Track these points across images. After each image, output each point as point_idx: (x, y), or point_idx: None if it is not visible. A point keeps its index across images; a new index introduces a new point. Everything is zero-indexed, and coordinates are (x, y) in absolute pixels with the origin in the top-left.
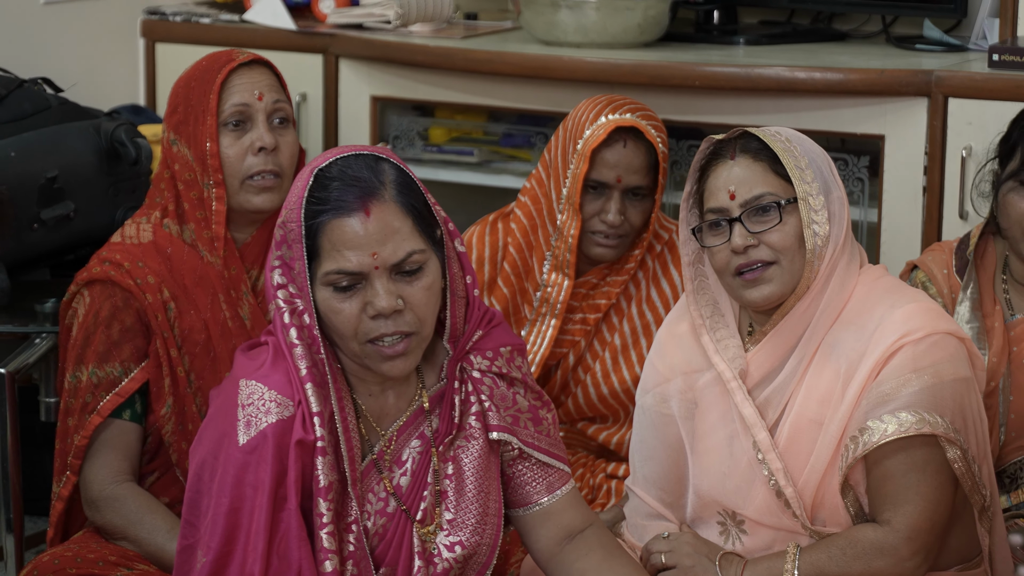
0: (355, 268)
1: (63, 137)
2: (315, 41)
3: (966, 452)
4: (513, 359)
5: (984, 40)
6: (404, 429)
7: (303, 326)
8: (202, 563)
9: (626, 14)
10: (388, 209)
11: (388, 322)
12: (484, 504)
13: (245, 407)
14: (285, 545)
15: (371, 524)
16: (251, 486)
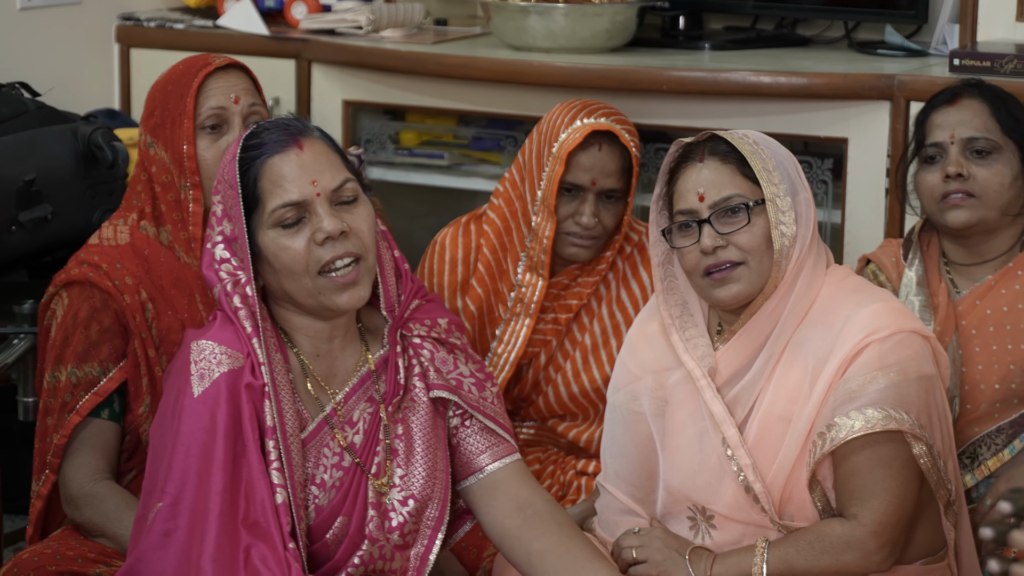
0: (298, 198)
1: (40, 141)
2: (288, 46)
3: (931, 448)
4: (451, 331)
5: (944, 45)
6: (353, 392)
7: (246, 295)
8: (158, 508)
9: (594, 20)
10: (318, 144)
11: (336, 244)
12: (432, 461)
13: (197, 363)
14: (251, 483)
15: (328, 477)
16: (206, 431)
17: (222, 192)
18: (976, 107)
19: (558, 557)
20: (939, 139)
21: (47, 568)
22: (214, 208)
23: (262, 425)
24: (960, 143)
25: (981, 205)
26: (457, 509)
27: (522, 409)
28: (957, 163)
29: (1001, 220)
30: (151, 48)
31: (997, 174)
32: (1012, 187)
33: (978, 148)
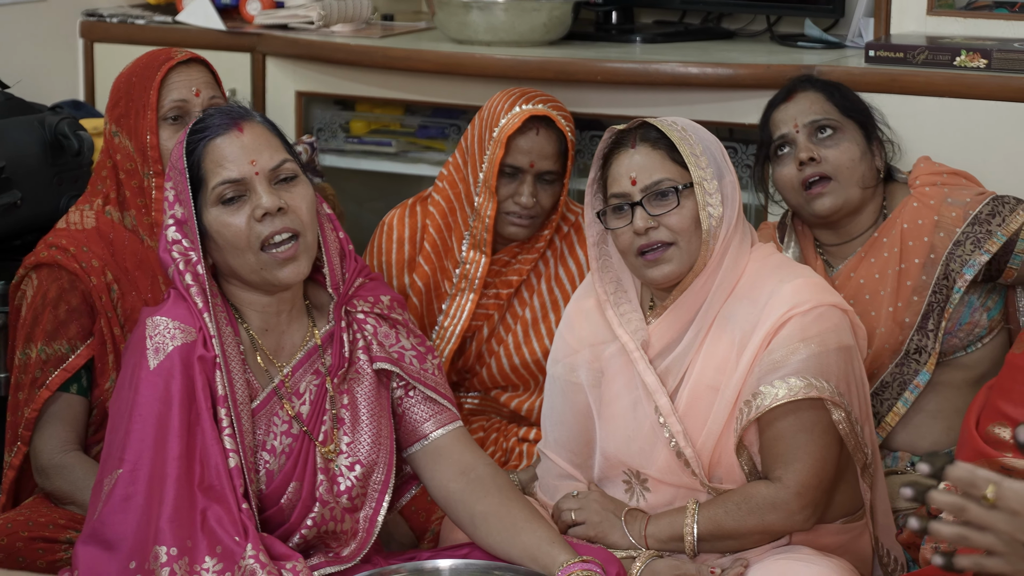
0: (237, 176)
1: (9, 130)
2: (243, 40)
3: (850, 414)
4: (393, 307)
5: (860, 38)
6: (300, 365)
7: (196, 274)
8: (117, 474)
9: (532, 15)
10: (258, 127)
11: (275, 220)
12: (377, 428)
13: (152, 337)
14: (205, 449)
15: (278, 444)
16: (161, 400)
17: (173, 177)
18: (812, 96)
19: (499, 519)
20: (784, 131)
21: (20, 534)
22: (166, 193)
23: (214, 394)
24: (805, 129)
25: (840, 186)
26: (404, 475)
27: (467, 380)
28: (807, 148)
29: (863, 196)
30: (114, 42)
31: (845, 151)
32: (863, 161)
33: (822, 126)
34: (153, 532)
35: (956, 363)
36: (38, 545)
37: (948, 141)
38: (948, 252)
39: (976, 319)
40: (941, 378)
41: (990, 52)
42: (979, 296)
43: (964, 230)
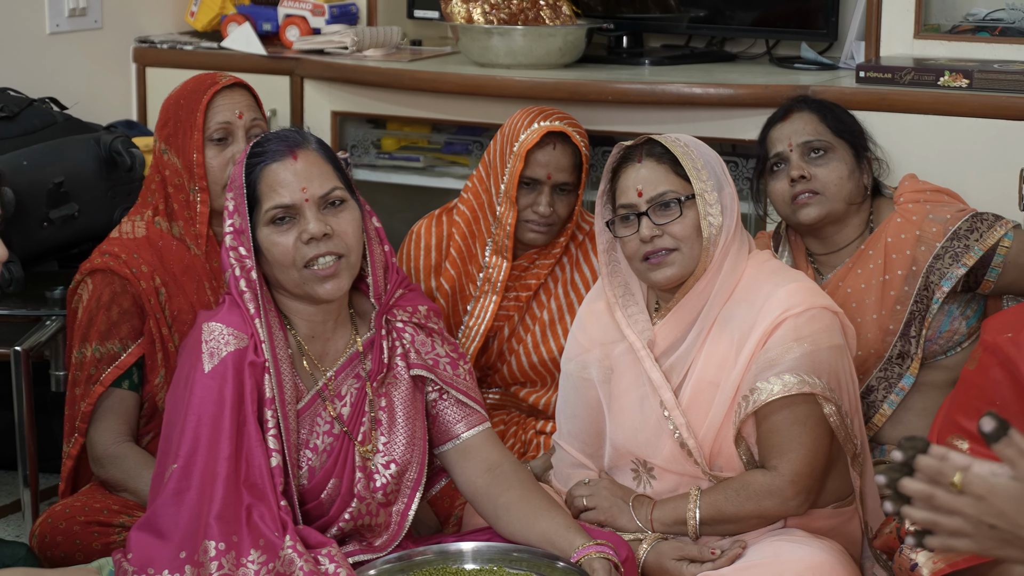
0: (288, 202)
1: (67, 148)
2: (283, 64)
3: (840, 408)
4: (430, 316)
5: (852, 60)
6: (342, 369)
7: (250, 279)
8: (172, 469)
9: (548, 39)
10: (311, 155)
11: (319, 244)
12: (412, 430)
13: (208, 342)
14: (250, 449)
15: (320, 443)
16: (215, 403)
17: (233, 191)
18: (807, 117)
19: (520, 508)
20: (779, 149)
21: (77, 518)
22: (227, 203)
23: (261, 397)
24: (798, 149)
25: (826, 200)
26: (434, 468)
27: (488, 376)
28: (799, 167)
29: (848, 210)
30: (164, 67)
31: (834, 170)
32: (851, 180)
33: (814, 148)
34: (203, 527)
35: (938, 365)
36: (93, 528)
37: (932, 155)
38: (928, 265)
39: (955, 327)
40: (925, 379)
41: (971, 73)
42: (959, 306)
43: (943, 245)
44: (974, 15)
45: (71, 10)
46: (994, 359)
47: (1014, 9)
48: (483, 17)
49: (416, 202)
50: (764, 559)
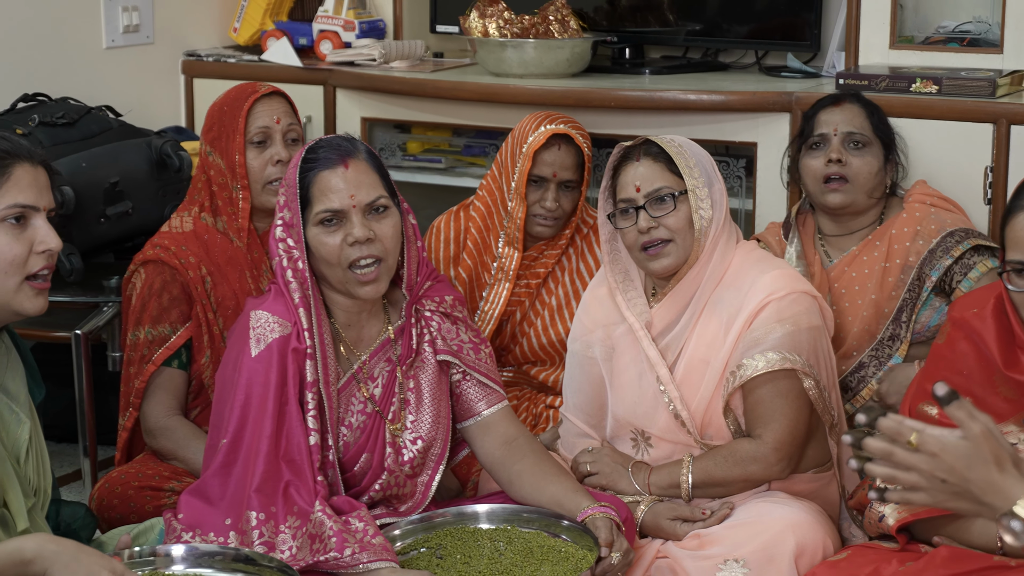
0: (338, 207)
1: (122, 151)
2: (317, 75)
3: (818, 382)
4: (455, 306)
5: (833, 68)
6: (375, 354)
7: (297, 269)
8: (222, 443)
9: (557, 51)
10: (361, 164)
11: (363, 247)
12: (437, 410)
13: (255, 329)
14: (291, 427)
15: (354, 420)
16: (261, 384)
17: (286, 189)
18: (855, 110)
19: (532, 475)
20: (824, 131)
21: (131, 484)
22: (279, 198)
23: (303, 380)
24: (841, 136)
25: (853, 189)
26: (456, 440)
27: (503, 356)
28: (838, 150)
29: (868, 202)
30: (209, 78)
31: (867, 164)
32: (877, 175)
33: (856, 140)
34: (246, 497)
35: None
36: (146, 493)
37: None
38: (923, 259)
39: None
40: (911, 354)
41: (940, 79)
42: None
43: (938, 241)
44: (944, 27)
45: (125, 27)
46: (961, 333)
47: (980, 22)
48: (498, 31)
49: (439, 199)
50: (750, 518)
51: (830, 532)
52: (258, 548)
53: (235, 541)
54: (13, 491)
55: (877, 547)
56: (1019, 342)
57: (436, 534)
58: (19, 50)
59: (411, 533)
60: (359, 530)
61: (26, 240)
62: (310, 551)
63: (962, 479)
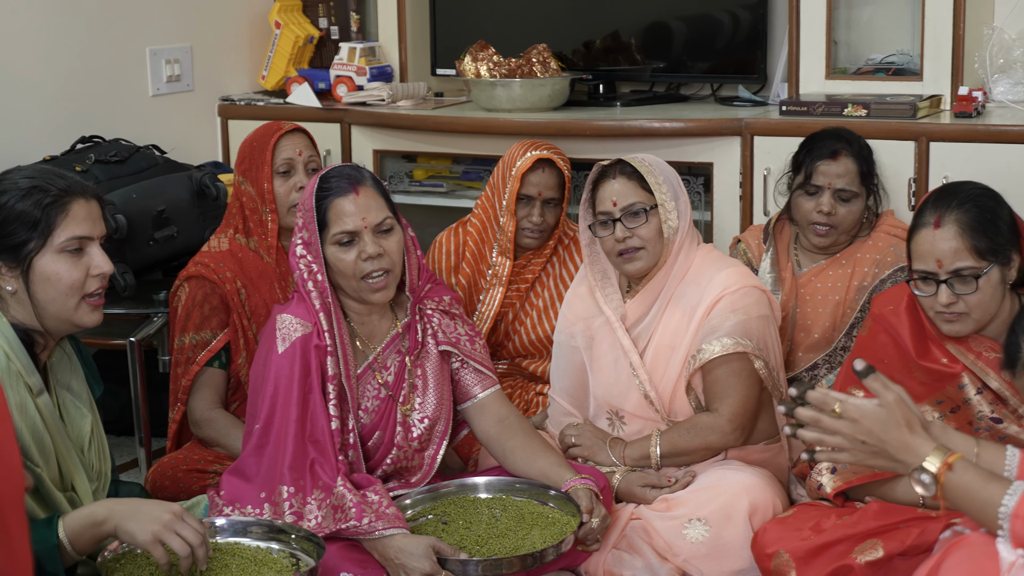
0: (352, 229)
1: (167, 183)
2: (334, 114)
3: (768, 363)
4: (452, 304)
5: (778, 97)
6: (386, 347)
7: (316, 281)
8: (256, 428)
9: (540, 89)
10: (369, 190)
11: (374, 262)
12: (440, 393)
13: (280, 330)
14: (315, 413)
15: (370, 404)
16: (287, 377)
17: (304, 213)
18: (849, 164)
19: (523, 451)
20: (820, 183)
21: (180, 467)
22: (297, 220)
23: (325, 373)
24: (833, 191)
25: (837, 232)
26: (457, 421)
27: (498, 351)
28: (830, 204)
29: (847, 238)
30: (242, 119)
31: (852, 213)
32: (860, 218)
33: (846, 195)
34: (278, 474)
35: None
36: (194, 475)
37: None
38: (874, 286)
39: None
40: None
41: (869, 104)
42: None
43: (890, 272)
44: (872, 59)
45: (168, 77)
46: (880, 326)
47: (903, 54)
48: (489, 73)
49: (441, 218)
50: (710, 483)
51: (779, 494)
52: (288, 518)
53: (269, 512)
54: (80, 477)
55: (819, 505)
56: (929, 335)
57: (441, 503)
58: (77, 98)
59: (419, 503)
60: (375, 502)
61: (83, 266)
62: (333, 520)
63: (879, 440)
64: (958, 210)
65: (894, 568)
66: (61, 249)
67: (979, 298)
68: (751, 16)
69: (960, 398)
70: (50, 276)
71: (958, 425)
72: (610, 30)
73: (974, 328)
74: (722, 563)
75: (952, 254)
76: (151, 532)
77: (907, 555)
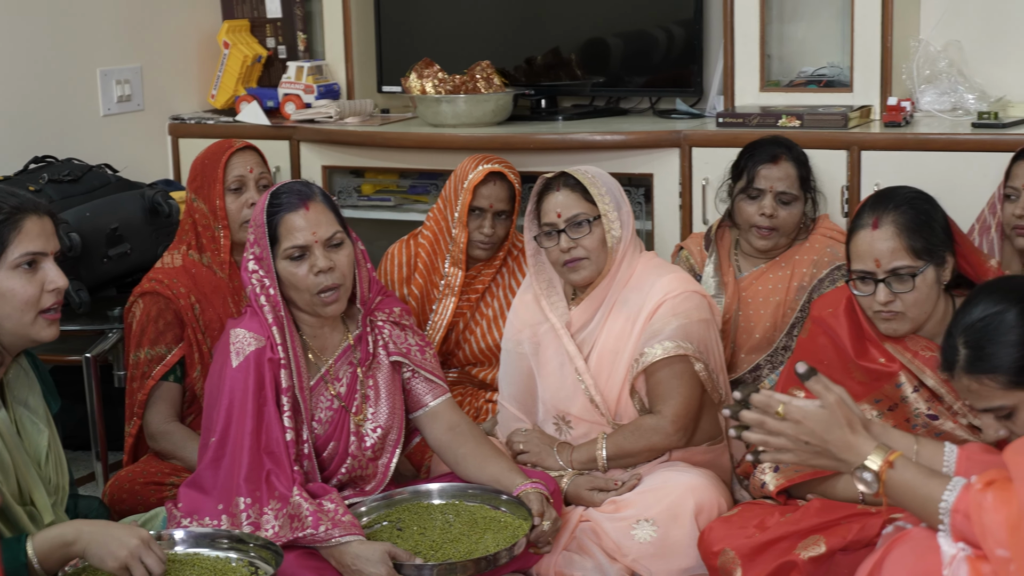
0: (303, 243)
1: (121, 201)
2: (283, 131)
3: (708, 366)
4: (403, 316)
5: (714, 109)
6: (338, 359)
7: (269, 295)
8: (212, 441)
9: (484, 104)
10: (319, 206)
11: (326, 276)
12: (392, 402)
13: (234, 344)
14: (269, 425)
15: (323, 415)
16: (241, 390)
17: (255, 229)
18: (789, 169)
19: (474, 457)
20: (762, 187)
21: (138, 480)
22: (249, 236)
23: (278, 386)
24: (774, 193)
25: (778, 235)
26: (409, 429)
27: (449, 360)
28: (772, 207)
29: (787, 240)
30: (192, 137)
31: (792, 216)
32: (799, 221)
33: (786, 198)
34: (235, 486)
35: None
36: (151, 487)
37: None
38: (813, 285)
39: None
40: None
41: (802, 115)
42: None
43: (827, 272)
44: (804, 72)
45: (119, 97)
46: (820, 328)
47: (834, 67)
48: (434, 89)
49: (390, 231)
50: (656, 484)
51: (724, 493)
52: (246, 528)
53: (227, 523)
54: (37, 490)
55: (763, 503)
56: (867, 336)
57: (396, 510)
58: (30, 119)
59: (375, 510)
60: (331, 510)
61: (38, 281)
62: (290, 529)
63: (822, 440)
64: (895, 212)
65: (836, 563)
66: (15, 265)
67: (915, 297)
68: (686, 32)
69: (898, 396)
70: (5, 293)
71: (896, 422)
72: (550, 46)
73: (911, 327)
74: (670, 562)
75: (889, 253)
76: (119, 559)
77: (848, 550)
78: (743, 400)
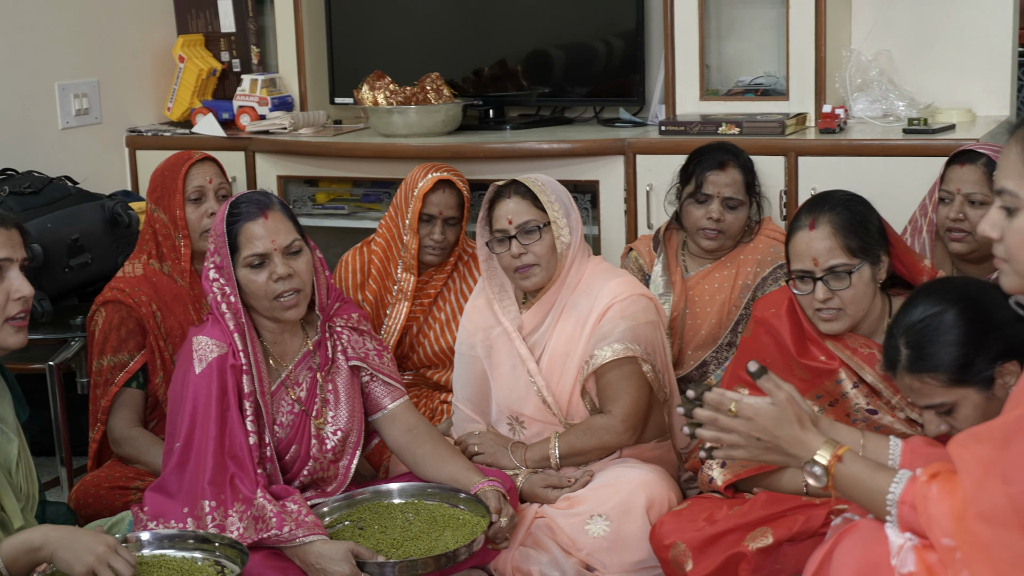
0: (262, 251)
1: (81, 213)
2: (238, 143)
3: (655, 366)
4: (360, 321)
5: (656, 118)
6: (298, 364)
7: (230, 303)
8: (176, 446)
9: (434, 115)
10: (278, 215)
11: (285, 282)
12: (352, 406)
13: (197, 351)
14: (232, 429)
15: (284, 419)
16: (205, 396)
17: (215, 238)
18: (735, 175)
19: (432, 457)
20: (709, 192)
21: (103, 485)
22: (209, 245)
23: (241, 391)
24: (721, 199)
25: (724, 237)
26: (369, 431)
27: (404, 363)
28: (719, 211)
29: (733, 242)
30: (149, 149)
31: (738, 219)
32: (744, 224)
33: (732, 202)
34: (200, 489)
35: None
36: (116, 491)
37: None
38: (757, 283)
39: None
40: None
41: (741, 123)
42: None
43: (770, 271)
44: (742, 81)
45: (77, 110)
46: (762, 328)
47: (770, 76)
48: (385, 100)
49: (344, 239)
50: (609, 480)
51: (673, 488)
52: (212, 530)
53: (192, 526)
54: (8, 498)
55: (711, 498)
56: (808, 335)
57: (357, 509)
58: None
59: (337, 510)
60: (294, 511)
61: (4, 290)
62: (255, 530)
63: (773, 436)
64: (830, 213)
65: (783, 553)
66: None
67: (852, 294)
68: (628, 43)
69: (838, 392)
70: None
71: (837, 417)
72: (497, 58)
73: (849, 325)
74: (623, 555)
75: (826, 252)
76: (86, 564)
77: (795, 540)
78: (696, 398)
